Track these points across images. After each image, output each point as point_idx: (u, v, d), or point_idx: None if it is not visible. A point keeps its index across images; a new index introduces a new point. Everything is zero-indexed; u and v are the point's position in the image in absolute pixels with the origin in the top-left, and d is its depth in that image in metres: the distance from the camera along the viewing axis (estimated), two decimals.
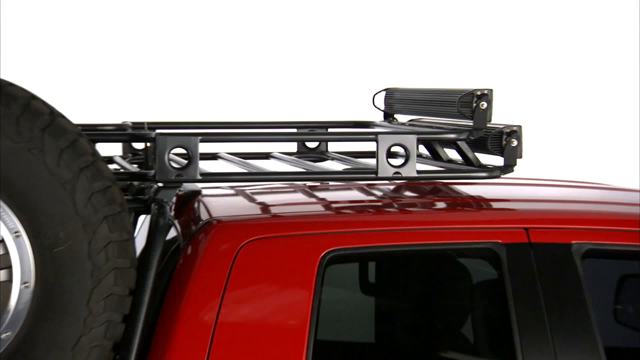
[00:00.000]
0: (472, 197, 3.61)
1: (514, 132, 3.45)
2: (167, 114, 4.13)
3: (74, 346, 2.94)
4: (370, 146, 3.53)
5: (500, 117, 7.65)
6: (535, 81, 9.35)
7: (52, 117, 2.98)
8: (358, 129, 4.17)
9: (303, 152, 4.09)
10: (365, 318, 3.98)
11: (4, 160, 2.91)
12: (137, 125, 3.61)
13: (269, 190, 3.70)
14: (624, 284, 3.68)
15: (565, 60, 9.62)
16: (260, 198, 3.57)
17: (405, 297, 4.00)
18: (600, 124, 9.57)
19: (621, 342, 3.45)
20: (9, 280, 2.93)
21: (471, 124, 3.52)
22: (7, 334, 2.93)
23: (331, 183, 3.81)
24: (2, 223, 2.94)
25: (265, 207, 3.48)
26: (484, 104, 3.48)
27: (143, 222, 3.52)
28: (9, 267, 2.93)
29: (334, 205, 3.54)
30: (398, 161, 3.37)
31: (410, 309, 3.98)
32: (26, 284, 2.93)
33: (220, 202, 3.49)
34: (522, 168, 4.09)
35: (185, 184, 3.36)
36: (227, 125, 3.84)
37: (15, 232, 2.93)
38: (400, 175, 3.36)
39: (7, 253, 2.93)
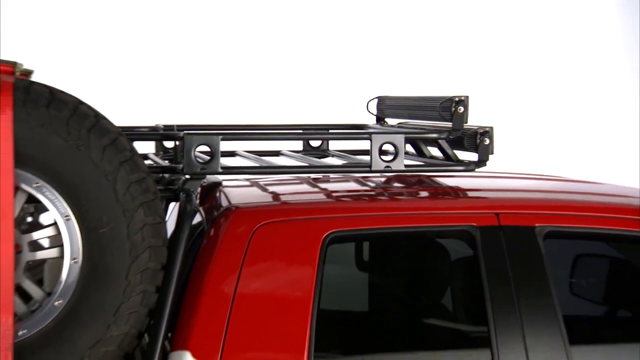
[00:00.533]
0: (451, 187, 3.63)
1: (487, 132, 3.48)
2: (190, 118, 4.15)
3: (115, 312, 2.97)
4: (364, 144, 3.54)
5: (499, 116, 7.61)
6: (524, 83, 8.88)
7: (96, 119, 2.99)
8: (354, 130, 4.20)
9: (308, 150, 4.12)
10: (360, 290, 3.99)
11: (57, 156, 2.95)
12: (168, 127, 3.65)
13: (279, 182, 3.72)
14: (578, 262, 3.70)
15: (556, 60, 9.10)
16: (271, 188, 3.59)
17: (394, 273, 4.01)
18: (594, 123, 9.07)
19: (575, 311, 3.47)
20: (61, 256, 2.98)
21: (450, 125, 3.57)
22: (59, 302, 2.96)
23: (331, 175, 3.83)
24: (54, 208, 2.97)
25: (275, 195, 3.50)
26: (461, 109, 3.54)
27: (173, 209, 3.56)
28: (60, 246, 2.98)
29: (334, 194, 3.58)
30: (388, 157, 3.42)
31: (398, 283, 3.99)
32: (75, 260, 2.97)
33: (237, 192, 3.50)
34: (510, 164, 4.12)
35: (208, 176, 3.37)
36: (243, 127, 3.87)
37: (66, 216, 2.96)
38: (390, 168, 3.42)
39: (59, 234, 2.97)
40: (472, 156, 3.56)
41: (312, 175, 3.85)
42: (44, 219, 3.09)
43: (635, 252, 3.82)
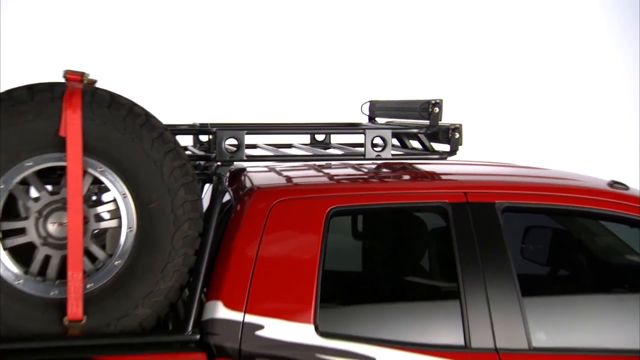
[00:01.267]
0: (428, 172, 3.63)
1: (457, 128, 3.50)
2: (219, 117, 4.12)
3: (162, 270, 3.01)
4: (359, 138, 3.56)
5: (496, 113, 7.59)
6: (520, 82, 8.20)
7: (147, 118, 3.02)
8: (351, 127, 4.19)
9: (314, 143, 4.13)
10: (355, 255, 3.99)
11: (116, 146, 2.97)
12: (202, 125, 3.66)
13: (291, 168, 3.72)
14: (528, 232, 3.73)
15: (555, 58, 8.33)
16: (285, 173, 3.60)
17: (383, 240, 4.01)
18: (594, 121, 8.31)
19: (526, 270, 3.48)
20: (119, 226, 3.02)
21: (428, 122, 3.60)
22: (118, 262, 3.00)
23: (333, 163, 3.83)
24: (114, 188, 3.00)
25: (289, 178, 3.51)
26: (437, 109, 3.58)
27: (207, 189, 3.57)
28: (119, 218, 3.02)
29: (335, 178, 3.57)
30: (378, 148, 3.43)
31: (385, 249, 3.98)
32: (130, 229, 3.01)
33: (258, 176, 3.50)
34: (490, 154, 4.09)
35: (235, 163, 3.37)
36: (262, 125, 3.87)
37: (123, 194, 3.00)
38: (380, 157, 3.44)
39: (117, 208, 3.02)
40: (445, 147, 3.57)
41: (317, 163, 3.84)
42: (106, 196, 3.12)
43: (572, 223, 3.86)
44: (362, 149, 3.47)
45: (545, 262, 3.79)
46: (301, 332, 3.00)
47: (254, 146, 3.87)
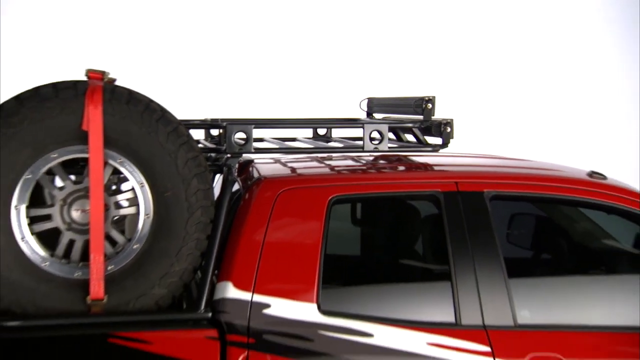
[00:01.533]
0: (421, 163, 3.62)
1: (449, 123, 3.50)
2: (227, 113, 4.11)
3: (177, 254, 3.02)
4: (358, 132, 3.58)
5: (487, 109, 7.43)
6: (517, 81, 7.91)
7: (162, 113, 3.02)
8: (351, 122, 4.20)
9: (316, 137, 4.12)
10: (354, 240, 3.99)
11: (134, 139, 2.98)
12: (214, 120, 3.66)
13: (295, 160, 3.71)
14: (514, 218, 3.74)
15: (555, 57, 8.01)
16: (290, 164, 3.60)
17: (379, 226, 4.01)
18: (594, 119, 7.98)
19: (511, 254, 3.48)
20: (137, 213, 3.03)
21: (421, 117, 3.60)
22: (137, 246, 3.02)
23: (334, 155, 3.83)
24: (132, 178, 3.01)
25: (293, 169, 3.50)
26: (430, 105, 3.58)
27: (218, 179, 3.57)
28: (137, 205, 3.03)
29: (336, 168, 3.57)
30: (376, 141, 3.45)
31: (382, 234, 3.99)
32: (148, 215, 3.02)
33: (265, 167, 3.49)
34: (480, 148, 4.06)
35: (244, 155, 3.36)
36: (269, 120, 3.87)
37: (141, 184, 3.01)
38: (377, 149, 3.46)
39: (135, 196, 3.03)
40: (438, 140, 3.58)
41: (319, 155, 3.83)
42: (125, 185, 3.12)
43: (554, 210, 3.86)
44: (360, 142, 3.48)
45: (529, 246, 3.78)
46: (305, 311, 3.00)
47: (261, 139, 3.87)
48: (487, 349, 3.02)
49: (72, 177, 3.05)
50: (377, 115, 4.35)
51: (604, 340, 3.13)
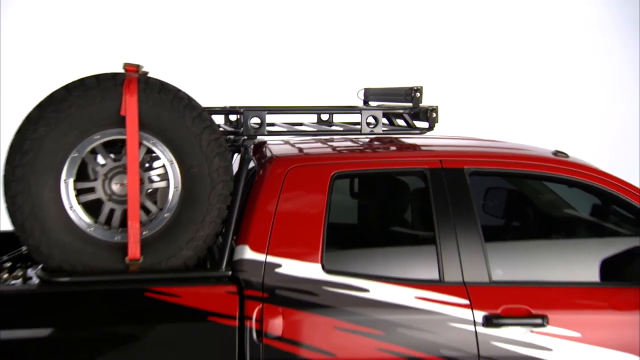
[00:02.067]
0: (410, 144, 3.60)
1: (434, 109, 3.49)
2: (243, 101, 4.09)
3: (202, 221, 3.02)
4: (356, 118, 3.53)
5: (469, 98, 7.23)
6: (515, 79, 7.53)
7: (188, 100, 3.02)
8: (349, 109, 4.16)
9: (320, 121, 4.08)
10: (352, 210, 3.96)
11: (165, 123, 2.99)
12: (232, 107, 3.62)
13: (302, 141, 3.70)
14: (489, 191, 3.73)
15: (556, 57, 7.59)
16: (298, 145, 3.59)
17: (374, 199, 3.98)
18: (594, 117, 7.55)
19: (487, 222, 3.45)
20: (167, 186, 3.05)
21: (411, 105, 3.59)
22: (167, 214, 3.03)
23: (335, 137, 3.81)
24: (164, 156, 3.02)
25: (300, 149, 3.47)
26: (418, 94, 3.57)
27: (236, 157, 3.54)
28: (167, 180, 3.04)
29: (337, 148, 3.54)
30: (371, 125, 3.43)
31: (376, 205, 3.95)
32: (176, 188, 3.03)
33: (277, 147, 3.47)
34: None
35: (258, 137, 3.33)
36: (279, 107, 3.83)
37: (170, 161, 3.02)
38: (373, 132, 3.44)
39: (166, 172, 3.04)
40: (425, 124, 3.57)
41: (323, 137, 3.80)
42: (157, 163, 3.12)
43: (522, 184, 3.85)
44: (358, 126, 3.48)
45: (501, 215, 3.75)
46: (311, 270, 3.03)
47: (272, 124, 3.85)
48: (467, 301, 3.04)
49: (112, 155, 3.06)
50: (372, 103, 4.32)
51: (564, 293, 3.13)
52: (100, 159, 3.07)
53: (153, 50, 6.66)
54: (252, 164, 3.38)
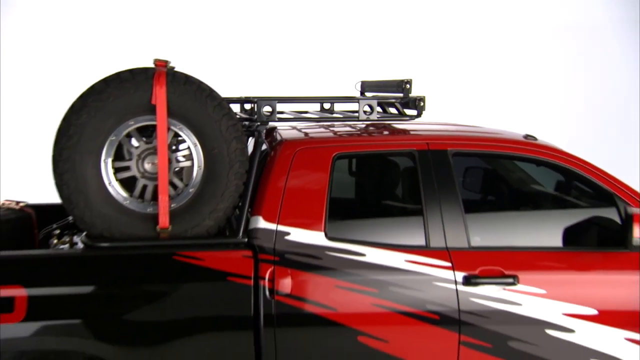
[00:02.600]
0: (401, 129, 3.55)
1: (422, 99, 3.49)
2: (255, 92, 4.08)
3: (221, 195, 3.02)
4: (354, 106, 3.51)
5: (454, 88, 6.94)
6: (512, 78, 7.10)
7: (210, 91, 3.00)
8: (348, 98, 4.06)
9: (323, 110, 4.02)
10: (350, 187, 3.90)
11: (189, 111, 2.97)
12: (247, 97, 3.62)
13: (308, 127, 3.65)
14: (468, 170, 3.68)
15: (558, 56, 7.07)
16: (304, 130, 3.53)
17: (369, 177, 3.92)
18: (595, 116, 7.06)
19: (466, 196, 3.42)
20: (192, 165, 3.04)
21: (402, 95, 3.59)
22: (192, 189, 3.03)
23: (336, 123, 3.76)
24: (188, 139, 3.01)
25: (306, 133, 3.42)
26: (408, 85, 3.56)
27: (251, 141, 3.52)
28: (192, 160, 3.03)
29: (337, 133, 3.48)
30: (368, 113, 3.44)
31: (371, 182, 3.89)
32: (200, 167, 3.02)
33: (285, 132, 3.44)
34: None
35: (270, 123, 3.31)
36: (288, 97, 3.81)
37: (194, 144, 3.01)
38: (369, 119, 3.46)
39: (191, 153, 3.03)
40: (414, 112, 3.58)
41: (325, 123, 3.77)
42: (182, 145, 3.10)
43: (496, 163, 3.81)
44: (356, 114, 3.47)
45: (479, 190, 3.71)
46: (315, 237, 3.03)
47: (282, 112, 3.80)
48: (449, 264, 3.05)
49: (145, 138, 3.06)
50: (368, 94, 4.28)
51: (532, 257, 3.14)
52: (135, 142, 3.06)
53: (179, 48, 6.60)
54: (264, 147, 3.37)
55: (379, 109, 3.67)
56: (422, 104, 3.51)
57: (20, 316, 2.72)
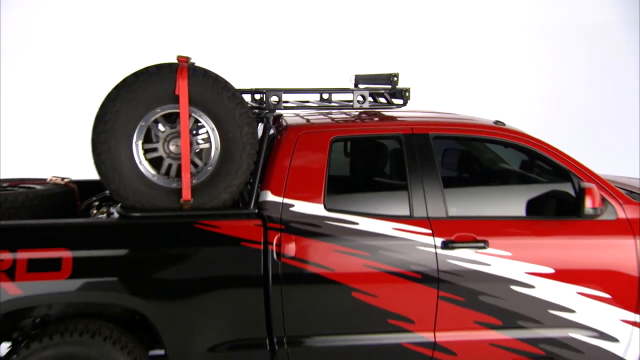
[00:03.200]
0: (389, 116, 3.49)
1: (407, 90, 3.48)
2: (263, 84, 4.06)
3: (235, 172, 3.01)
4: (349, 96, 3.50)
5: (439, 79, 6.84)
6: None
7: (225, 83, 2.99)
8: (344, 89, 4.07)
9: (322, 100, 3.94)
10: (345, 166, 3.86)
11: (208, 101, 2.96)
12: (257, 88, 3.56)
13: (309, 114, 3.60)
14: (446, 152, 3.69)
15: (559, 56, 6.69)
16: (306, 117, 3.50)
17: (361, 157, 3.85)
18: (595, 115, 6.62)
19: (445, 173, 3.39)
20: (210, 147, 3.03)
21: (390, 87, 3.57)
22: (210, 168, 3.02)
23: (333, 111, 3.70)
24: (207, 125, 3.00)
25: (307, 120, 3.38)
26: (395, 78, 3.54)
27: (260, 126, 3.51)
28: (209, 142, 3.02)
29: (335, 119, 3.44)
30: (361, 102, 3.42)
31: (363, 162, 3.82)
32: (217, 149, 3.02)
33: (290, 118, 3.41)
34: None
35: (276, 110, 3.30)
36: (292, 89, 3.76)
37: (212, 129, 3.01)
38: (362, 107, 3.43)
39: (209, 137, 3.01)
40: (400, 101, 3.55)
41: (324, 111, 3.68)
42: (202, 130, 3.07)
43: (470, 145, 3.76)
44: (351, 103, 3.45)
45: (455, 169, 3.70)
46: (315, 208, 3.03)
47: (287, 101, 3.80)
48: (429, 231, 3.06)
49: (170, 124, 3.04)
50: (361, 85, 4.23)
51: (500, 225, 3.14)
52: (161, 127, 3.05)
53: (198, 47, 6.53)
54: (272, 131, 3.35)
55: (370, 98, 3.63)
56: (407, 94, 3.51)
57: (67, 274, 2.75)
